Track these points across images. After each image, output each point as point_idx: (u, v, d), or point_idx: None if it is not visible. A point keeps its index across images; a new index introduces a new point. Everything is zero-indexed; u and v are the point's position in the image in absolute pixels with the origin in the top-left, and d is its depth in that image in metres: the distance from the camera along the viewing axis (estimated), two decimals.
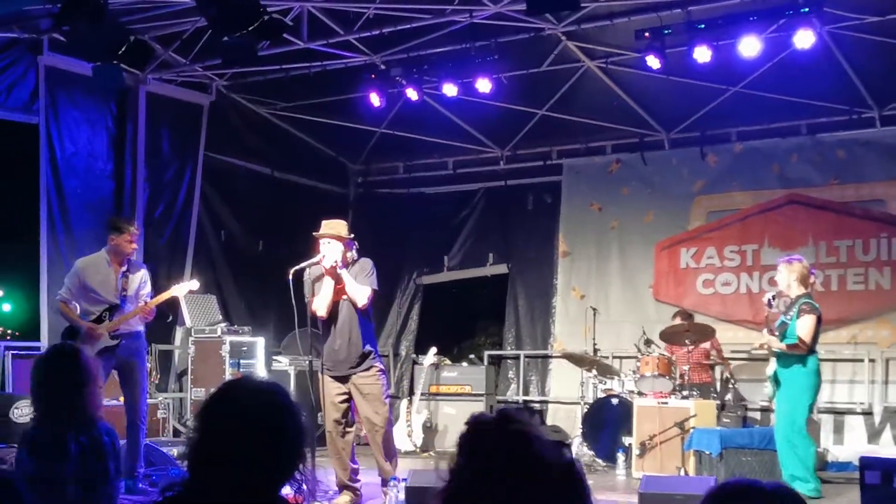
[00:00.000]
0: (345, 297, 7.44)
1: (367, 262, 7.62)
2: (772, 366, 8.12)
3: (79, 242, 10.85)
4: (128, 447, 8.02)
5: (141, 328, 8.09)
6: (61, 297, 7.93)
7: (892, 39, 9.80)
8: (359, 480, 7.60)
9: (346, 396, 7.48)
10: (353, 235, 7.59)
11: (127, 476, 7.85)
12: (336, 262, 7.32)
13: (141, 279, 8.05)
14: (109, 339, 7.77)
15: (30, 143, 10.63)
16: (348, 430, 7.53)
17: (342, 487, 7.48)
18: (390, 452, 7.57)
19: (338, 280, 7.38)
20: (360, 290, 7.41)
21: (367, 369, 7.47)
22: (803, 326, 7.84)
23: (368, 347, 7.51)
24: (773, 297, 8.33)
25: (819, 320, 7.94)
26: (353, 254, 7.58)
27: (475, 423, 2.05)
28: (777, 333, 8.04)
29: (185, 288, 8.32)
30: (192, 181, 12.17)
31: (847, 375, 10.93)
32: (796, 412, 7.92)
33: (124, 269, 7.95)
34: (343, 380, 7.46)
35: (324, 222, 7.59)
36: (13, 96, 10.47)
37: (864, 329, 10.99)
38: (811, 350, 7.91)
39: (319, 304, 7.44)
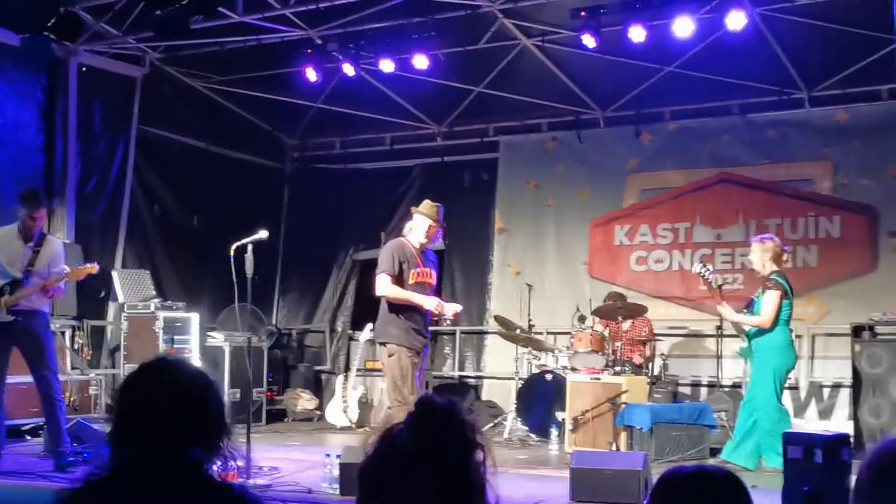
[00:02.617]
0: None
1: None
2: (743, 342, 8.30)
3: (8, 216, 10.62)
4: (47, 425, 7.87)
5: (44, 307, 7.88)
6: None
7: (822, 22, 9.98)
8: None
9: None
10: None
11: (52, 454, 7.74)
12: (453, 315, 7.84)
13: (52, 255, 7.81)
14: (7, 314, 7.60)
15: None
16: None
17: None
18: None
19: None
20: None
21: None
22: (766, 302, 8.06)
23: None
24: (704, 267, 8.48)
25: (784, 296, 8.11)
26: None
27: (428, 405, 2.05)
28: (746, 311, 8.24)
29: (82, 272, 8.00)
30: (126, 155, 12.01)
31: None
32: (767, 388, 8.07)
33: (32, 243, 7.75)
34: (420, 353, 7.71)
35: (431, 205, 7.79)
36: None
37: (794, 307, 11.20)
38: (776, 324, 8.09)
39: (388, 295, 7.62)
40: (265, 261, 12.21)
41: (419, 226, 7.72)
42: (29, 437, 9.55)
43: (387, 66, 10.87)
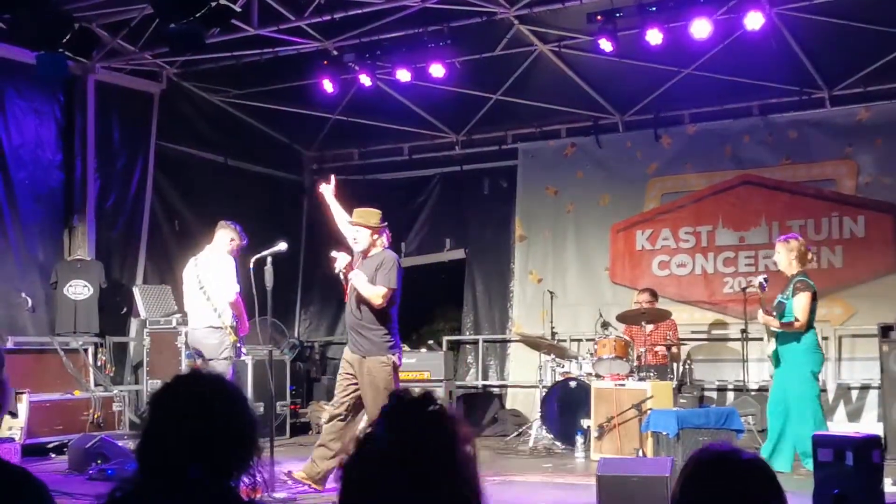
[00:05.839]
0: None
1: (387, 258, 7.52)
2: (771, 345, 8.21)
3: (28, 235, 10.69)
4: None
5: None
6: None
7: (841, 20, 9.88)
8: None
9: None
10: (385, 224, 7.62)
11: None
12: (342, 270, 7.49)
13: None
14: None
15: None
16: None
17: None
18: None
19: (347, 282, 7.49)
20: (372, 291, 7.41)
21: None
22: (798, 305, 7.96)
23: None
24: (765, 280, 8.40)
25: (814, 297, 8.03)
26: (382, 240, 7.62)
27: (398, 398, 2.01)
28: (775, 313, 8.13)
29: None
30: (144, 171, 12.02)
31: None
32: (805, 388, 7.98)
33: None
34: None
35: (355, 210, 7.74)
36: None
37: (818, 307, 11.08)
38: (809, 326, 8.01)
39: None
40: (286, 274, 12.24)
41: None
42: (54, 455, 9.55)
43: (403, 75, 10.86)
